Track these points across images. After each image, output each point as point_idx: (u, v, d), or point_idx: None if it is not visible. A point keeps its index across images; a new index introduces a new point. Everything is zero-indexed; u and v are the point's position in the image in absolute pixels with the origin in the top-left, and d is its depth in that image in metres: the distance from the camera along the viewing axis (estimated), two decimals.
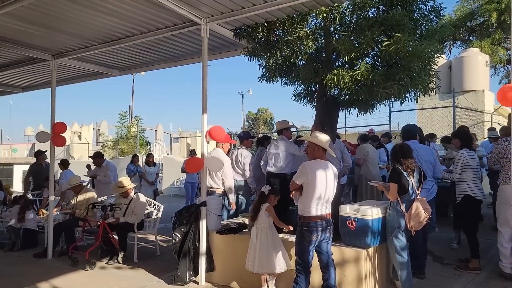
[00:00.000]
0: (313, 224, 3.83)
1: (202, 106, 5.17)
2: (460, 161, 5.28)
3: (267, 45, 5.63)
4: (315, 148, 3.97)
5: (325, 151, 3.99)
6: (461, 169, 5.25)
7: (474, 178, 5.24)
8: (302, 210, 3.91)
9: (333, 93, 5.46)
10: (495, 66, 17.00)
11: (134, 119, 30.45)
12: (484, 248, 5.96)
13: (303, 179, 3.89)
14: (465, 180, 5.22)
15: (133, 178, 10.66)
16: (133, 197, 6.57)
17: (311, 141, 4.01)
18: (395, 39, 4.51)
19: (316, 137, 3.99)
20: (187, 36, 5.90)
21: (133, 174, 10.65)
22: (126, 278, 5.38)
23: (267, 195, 4.45)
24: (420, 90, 5.18)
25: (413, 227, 4.20)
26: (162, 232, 7.47)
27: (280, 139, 6.01)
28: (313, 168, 3.88)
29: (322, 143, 3.93)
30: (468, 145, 5.46)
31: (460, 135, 5.65)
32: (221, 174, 5.79)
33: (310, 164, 3.95)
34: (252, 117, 47.03)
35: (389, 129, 11.04)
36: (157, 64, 7.37)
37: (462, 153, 5.32)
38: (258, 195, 4.63)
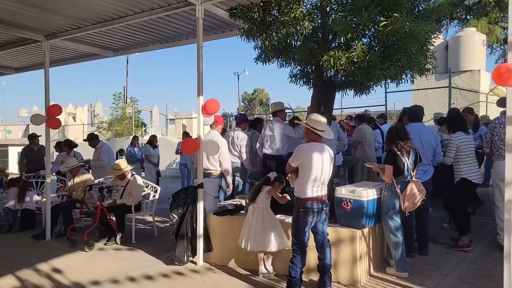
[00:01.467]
0: (309, 205, 3.88)
1: (198, 88, 5.14)
2: (453, 145, 5.26)
3: (263, 25, 5.57)
4: (310, 131, 3.98)
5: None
6: (454, 153, 5.25)
7: (470, 161, 5.25)
8: (298, 192, 3.95)
9: (329, 74, 5.44)
10: (492, 46, 16.91)
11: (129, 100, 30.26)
12: (479, 227, 6.09)
13: (299, 162, 3.92)
14: (461, 163, 5.24)
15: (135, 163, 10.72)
16: (130, 179, 6.59)
17: (306, 125, 4.01)
18: (392, 20, 4.47)
19: (312, 121, 3.98)
20: (182, 17, 5.81)
21: (134, 160, 10.62)
22: (124, 259, 5.45)
23: (273, 180, 4.47)
24: (417, 71, 5.17)
25: (407, 208, 4.26)
26: (160, 213, 7.53)
27: (275, 121, 6.02)
28: (308, 151, 3.91)
29: (316, 127, 3.92)
30: (462, 128, 5.45)
31: (449, 121, 5.62)
32: (218, 156, 5.81)
33: (305, 147, 3.99)
34: (248, 97, 46.87)
35: (385, 110, 11.04)
36: (152, 45, 7.28)
37: (454, 137, 5.30)
38: (263, 179, 4.64)
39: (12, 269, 5.05)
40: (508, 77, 3.22)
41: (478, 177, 5.34)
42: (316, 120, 3.96)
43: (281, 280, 4.34)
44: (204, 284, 4.46)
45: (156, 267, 5.04)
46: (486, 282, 4.16)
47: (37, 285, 4.60)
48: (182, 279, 4.63)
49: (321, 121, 3.95)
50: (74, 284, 4.59)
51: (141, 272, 4.86)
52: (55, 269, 5.10)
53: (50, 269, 5.09)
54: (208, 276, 4.69)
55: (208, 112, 4.96)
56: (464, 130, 5.41)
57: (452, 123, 5.48)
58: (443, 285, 4.15)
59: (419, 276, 4.38)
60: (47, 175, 6.93)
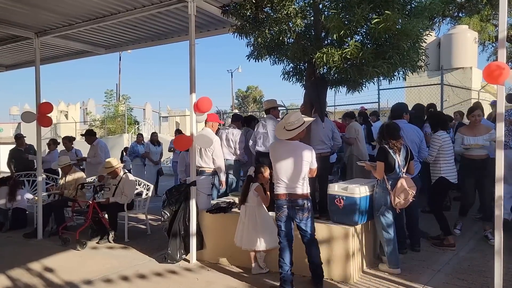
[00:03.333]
0: (279, 201, 3.99)
1: (190, 85, 5.11)
2: (436, 143, 5.26)
3: (255, 22, 5.54)
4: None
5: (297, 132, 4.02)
6: (436, 152, 5.27)
7: (450, 160, 5.26)
8: (274, 188, 4.07)
9: (322, 71, 5.44)
10: (484, 43, 17.04)
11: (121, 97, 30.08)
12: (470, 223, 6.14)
13: (271, 160, 4.09)
14: (441, 162, 5.24)
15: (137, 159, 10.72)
16: (122, 177, 6.55)
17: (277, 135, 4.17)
18: (384, 17, 4.47)
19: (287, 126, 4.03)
20: (174, 14, 5.77)
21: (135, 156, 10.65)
22: (117, 257, 5.43)
23: (255, 175, 4.47)
24: (409, 68, 5.19)
25: (399, 204, 4.28)
26: (153, 211, 7.51)
27: (268, 118, 6.01)
28: (275, 149, 4.09)
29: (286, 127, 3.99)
30: (444, 127, 5.47)
31: (433, 120, 5.67)
32: (212, 154, 5.79)
33: (273, 145, 4.21)
34: (242, 95, 46.80)
35: (378, 107, 11.08)
36: (144, 42, 7.22)
37: (438, 136, 5.31)
38: (246, 178, 4.66)
39: (3, 268, 5.01)
40: (498, 75, 3.23)
41: (456, 177, 5.35)
42: (284, 120, 4.04)
43: (274, 277, 4.34)
44: (198, 282, 4.46)
45: (149, 266, 5.02)
46: (477, 278, 4.19)
47: (29, 284, 4.56)
48: (175, 278, 4.62)
49: (289, 120, 3.97)
50: (66, 283, 4.56)
51: (134, 270, 4.84)
52: (47, 268, 5.06)
53: (42, 268, 5.05)
54: (201, 274, 4.68)
55: (200, 110, 4.94)
56: (446, 130, 5.45)
57: (436, 122, 5.50)
58: (435, 281, 4.18)
59: (412, 272, 4.41)
60: (38, 173, 6.87)
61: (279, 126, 4.16)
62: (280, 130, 4.08)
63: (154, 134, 11.40)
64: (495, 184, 3.44)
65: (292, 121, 3.97)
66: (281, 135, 4.08)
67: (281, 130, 4.07)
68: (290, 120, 3.99)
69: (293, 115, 4.04)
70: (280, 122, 4.25)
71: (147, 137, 13.93)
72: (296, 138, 4.03)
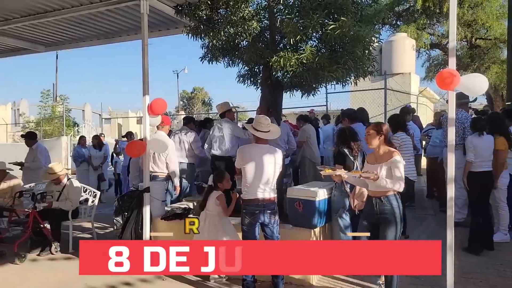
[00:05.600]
0: (249, 207, 3.87)
1: (144, 87, 4.88)
2: (396, 144, 5.50)
3: (210, 24, 5.46)
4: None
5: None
6: None
7: (409, 159, 5.49)
8: (242, 193, 3.95)
9: (277, 75, 5.46)
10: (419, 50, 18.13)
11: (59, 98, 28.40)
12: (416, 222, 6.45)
13: (239, 163, 3.95)
14: None
15: (83, 163, 10.05)
16: (66, 183, 6.13)
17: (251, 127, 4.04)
18: (340, 23, 4.57)
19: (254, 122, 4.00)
20: (125, 12, 5.52)
21: (82, 160, 9.99)
22: (62, 269, 5.06)
23: (215, 184, 4.34)
24: (361, 74, 5.36)
25: (357, 206, 4.38)
26: (99, 218, 7.11)
27: (224, 121, 5.93)
28: (246, 153, 3.94)
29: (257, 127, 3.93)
30: (403, 128, 5.71)
31: (392, 122, 5.84)
32: (165, 158, 5.59)
33: (244, 148, 4.03)
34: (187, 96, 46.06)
35: (326, 110, 11.39)
36: (90, 41, 6.84)
37: (398, 136, 5.54)
38: (207, 188, 4.50)
39: None
40: (450, 82, 3.40)
41: (415, 175, 5.63)
42: (257, 121, 3.97)
43: (233, 284, 4.27)
44: None
45: (99, 278, 4.72)
46: (429, 277, 4.37)
47: None
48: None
49: (261, 122, 3.93)
50: None
51: (83, 284, 4.53)
52: None
53: None
54: (156, 285, 4.48)
55: (154, 112, 4.72)
56: (404, 130, 5.69)
57: (395, 124, 5.72)
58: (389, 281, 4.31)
59: None
60: None
61: (251, 128, 3.99)
62: (255, 131, 3.94)
63: (96, 137, 10.83)
64: (447, 185, 3.63)
65: (268, 123, 3.94)
66: (263, 135, 3.93)
67: (257, 131, 3.93)
68: (267, 122, 3.95)
69: (267, 118, 4.00)
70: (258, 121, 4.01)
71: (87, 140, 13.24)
72: (267, 141, 3.97)
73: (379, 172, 3.54)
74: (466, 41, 17.97)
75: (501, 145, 5.27)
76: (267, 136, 3.93)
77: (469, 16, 16.74)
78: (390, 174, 3.56)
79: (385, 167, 3.58)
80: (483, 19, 16.35)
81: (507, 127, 5.53)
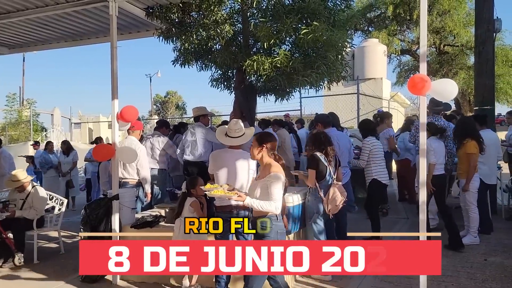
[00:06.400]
0: (223, 214, 3.75)
1: (112, 91, 4.71)
2: (367, 148, 5.51)
3: (182, 27, 5.36)
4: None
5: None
6: (367, 156, 5.53)
7: (380, 163, 5.54)
8: (215, 200, 3.83)
9: (251, 79, 5.41)
10: (390, 56, 18.53)
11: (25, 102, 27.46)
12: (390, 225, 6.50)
13: (211, 169, 3.87)
14: (372, 165, 5.51)
15: (50, 170, 9.67)
16: (30, 191, 5.86)
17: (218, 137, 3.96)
18: (312, 28, 4.56)
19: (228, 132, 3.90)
20: (93, 13, 5.34)
21: (49, 167, 9.60)
22: (26, 283, 4.82)
23: (189, 191, 4.23)
24: (334, 78, 5.37)
25: (331, 210, 4.36)
26: (67, 226, 6.84)
27: (197, 126, 5.81)
28: (218, 158, 3.86)
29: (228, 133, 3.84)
30: (372, 133, 5.76)
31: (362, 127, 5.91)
32: (136, 164, 5.42)
33: (216, 154, 3.95)
34: (161, 100, 45.47)
35: (300, 114, 11.43)
36: (57, 43, 6.60)
37: (368, 141, 5.56)
38: (181, 195, 4.38)
39: None
40: (422, 87, 3.42)
41: (387, 178, 5.67)
42: (227, 127, 3.91)
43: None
44: None
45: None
46: (403, 280, 4.39)
47: None
48: None
49: (231, 128, 3.85)
50: None
51: None
52: None
53: None
54: None
55: (125, 120, 4.56)
56: (374, 135, 5.74)
57: (365, 129, 5.77)
58: (364, 285, 4.32)
59: (342, 278, 4.49)
60: None
61: (221, 133, 3.94)
62: (224, 137, 3.87)
63: (64, 142, 10.50)
64: (419, 189, 3.65)
65: (238, 128, 3.83)
66: (229, 141, 3.86)
67: (225, 137, 3.87)
68: (237, 127, 3.85)
69: (238, 123, 3.90)
70: (221, 128, 4.01)
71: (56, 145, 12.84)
72: (239, 146, 3.89)
73: (256, 190, 3.19)
74: (435, 48, 18.51)
75: (473, 149, 5.38)
76: (237, 141, 3.84)
77: (438, 23, 17.27)
78: (266, 193, 3.11)
79: (260, 185, 3.18)
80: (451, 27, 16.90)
81: (478, 131, 5.66)
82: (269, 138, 3.40)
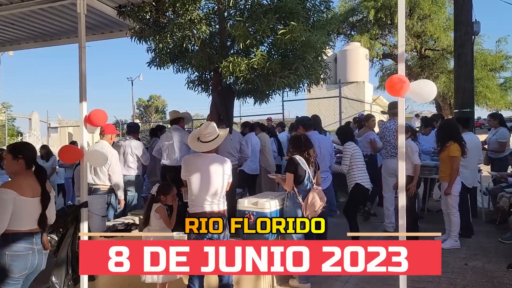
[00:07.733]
0: None
1: (80, 93, 4.45)
2: (348, 153, 5.40)
3: (156, 27, 5.17)
4: None
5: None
6: (349, 161, 5.42)
7: (362, 167, 5.42)
8: (188, 206, 3.65)
9: (228, 81, 5.25)
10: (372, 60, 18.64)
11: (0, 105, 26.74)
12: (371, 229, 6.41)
13: (184, 174, 3.65)
14: (355, 170, 5.39)
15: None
16: None
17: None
18: (290, 28, 4.44)
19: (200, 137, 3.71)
20: (61, 12, 5.07)
21: None
22: None
23: (157, 196, 4.02)
24: (313, 81, 5.25)
25: (309, 215, 4.22)
26: None
27: (174, 129, 5.62)
28: (191, 163, 3.66)
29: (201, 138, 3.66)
30: (352, 138, 5.65)
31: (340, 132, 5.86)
32: (107, 169, 5.19)
33: (189, 158, 3.76)
34: (144, 104, 44.95)
35: (283, 118, 11.31)
36: (25, 43, 6.29)
37: (348, 146, 5.45)
38: (149, 198, 4.17)
39: None
40: (400, 88, 3.30)
41: (369, 183, 5.56)
42: (199, 130, 3.72)
43: None
44: None
45: None
46: (382, 286, 4.29)
47: None
48: None
49: (202, 133, 3.64)
50: None
51: None
52: None
53: None
54: None
55: (93, 124, 4.30)
56: (353, 140, 5.64)
57: (344, 135, 5.67)
58: None
59: (321, 285, 4.36)
60: None
61: (192, 138, 3.75)
62: (195, 142, 3.69)
63: (44, 146, 10.12)
64: (399, 193, 3.52)
65: (209, 132, 3.64)
66: (198, 147, 3.67)
67: (196, 142, 3.68)
68: (208, 131, 3.64)
69: (209, 126, 3.69)
70: (193, 133, 3.84)
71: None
72: (213, 151, 3.71)
73: None
74: (416, 52, 18.68)
75: (456, 152, 5.32)
76: (209, 146, 3.65)
77: (418, 28, 17.44)
78: None
79: None
80: (431, 31, 17.09)
81: (461, 134, 5.61)
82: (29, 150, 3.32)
